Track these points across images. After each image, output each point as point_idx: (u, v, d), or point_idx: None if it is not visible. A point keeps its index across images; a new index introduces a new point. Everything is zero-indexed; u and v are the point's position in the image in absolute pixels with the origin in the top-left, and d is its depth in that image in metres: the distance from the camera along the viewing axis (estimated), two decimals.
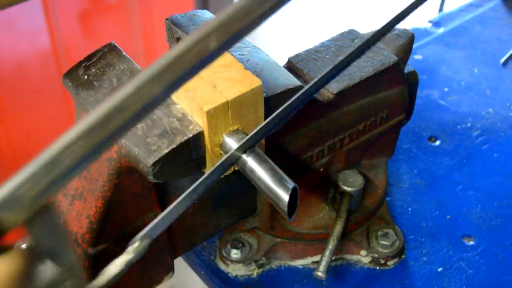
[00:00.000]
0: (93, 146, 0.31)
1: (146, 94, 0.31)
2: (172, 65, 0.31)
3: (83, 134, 0.30)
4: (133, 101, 0.31)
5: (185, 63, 0.32)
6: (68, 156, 0.30)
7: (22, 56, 1.55)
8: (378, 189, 0.74)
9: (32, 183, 0.30)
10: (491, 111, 0.93)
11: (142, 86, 0.31)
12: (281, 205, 0.47)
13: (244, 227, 0.72)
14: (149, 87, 0.31)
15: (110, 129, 0.31)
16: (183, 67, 0.32)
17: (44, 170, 0.30)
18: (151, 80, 0.31)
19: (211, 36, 0.32)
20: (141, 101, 0.31)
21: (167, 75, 0.31)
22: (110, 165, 0.51)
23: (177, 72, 0.32)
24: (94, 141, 0.31)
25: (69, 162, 0.30)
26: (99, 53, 0.57)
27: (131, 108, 0.31)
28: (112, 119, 0.31)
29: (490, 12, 1.15)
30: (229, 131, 0.50)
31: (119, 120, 0.31)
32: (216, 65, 0.52)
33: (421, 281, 0.70)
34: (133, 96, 0.31)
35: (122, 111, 0.31)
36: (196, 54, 0.32)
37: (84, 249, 0.54)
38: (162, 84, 0.31)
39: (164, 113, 0.51)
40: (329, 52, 0.67)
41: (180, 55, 0.32)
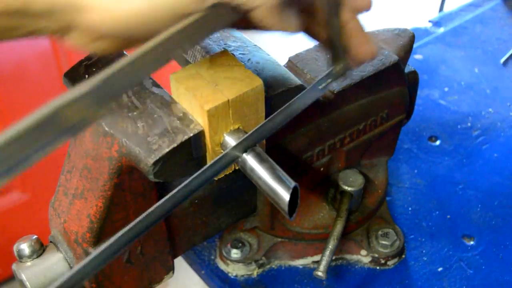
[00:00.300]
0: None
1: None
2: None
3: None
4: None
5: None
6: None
7: (22, 56, 1.55)
8: (378, 188, 0.74)
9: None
10: (491, 111, 0.93)
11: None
12: (282, 204, 0.47)
13: (245, 226, 0.72)
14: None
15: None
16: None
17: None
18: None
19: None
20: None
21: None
22: (111, 164, 0.51)
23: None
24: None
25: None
26: None
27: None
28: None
29: (490, 12, 1.15)
30: (230, 130, 0.50)
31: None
32: (217, 64, 0.52)
33: (421, 281, 0.70)
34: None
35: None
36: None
37: (85, 249, 0.54)
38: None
39: (164, 112, 0.51)
40: None
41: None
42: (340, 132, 0.67)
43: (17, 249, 0.55)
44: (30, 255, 0.55)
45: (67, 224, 0.55)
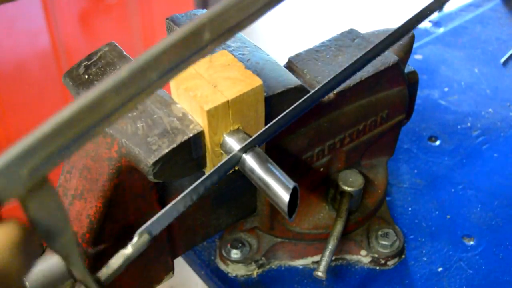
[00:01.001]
0: (89, 125, 0.31)
1: (141, 79, 0.31)
2: (167, 53, 0.32)
3: (79, 111, 0.30)
4: (128, 84, 0.31)
5: (178, 52, 0.32)
6: (63, 132, 0.30)
7: (22, 56, 1.55)
8: (378, 189, 0.74)
9: (26, 157, 0.29)
10: (491, 111, 0.93)
11: (137, 71, 0.31)
12: (281, 205, 0.47)
13: (244, 227, 0.72)
14: (144, 73, 0.31)
15: (105, 110, 0.31)
16: (177, 55, 0.32)
17: (39, 144, 0.29)
18: (147, 66, 0.31)
19: (205, 29, 0.32)
20: (135, 86, 0.31)
21: (162, 62, 0.32)
22: (110, 164, 0.51)
23: (172, 59, 0.32)
24: (90, 121, 0.31)
25: (64, 138, 0.30)
26: (100, 52, 0.57)
27: (126, 90, 0.31)
28: (106, 101, 0.31)
29: (490, 12, 1.15)
30: (230, 131, 0.50)
31: (113, 102, 0.31)
32: (217, 64, 0.52)
33: (421, 281, 0.70)
34: (127, 80, 0.31)
35: (117, 93, 0.31)
36: (190, 44, 0.32)
37: (84, 249, 0.54)
38: (157, 71, 0.32)
39: (164, 112, 0.51)
40: (329, 52, 0.67)
41: (174, 44, 0.32)
42: (340, 132, 0.67)
43: None
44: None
45: None
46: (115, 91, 0.31)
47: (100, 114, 0.31)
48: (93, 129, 0.31)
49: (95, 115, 0.31)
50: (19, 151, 0.29)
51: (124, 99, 0.32)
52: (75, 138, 0.31)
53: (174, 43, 0.32)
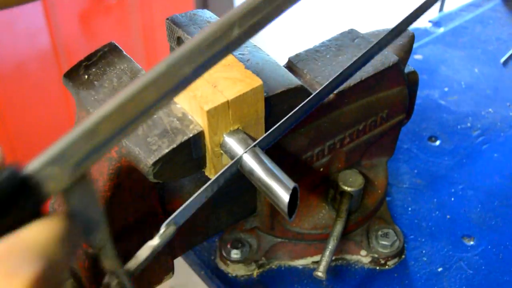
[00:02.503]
0: (129, 118, 0.33)
1: (177, 73, 0.34)
2: (199, 49, 0.34)
3: (119, 107, 0.32)
4: (166, 78, 0.33)
5: (210, 48, 0.34)
6: (105, 127, 0.32)
7: (22, 56, 1.55)
8: (378, 189, 0.74)
9: (72, 151, 0.31)
10: (491, 111, 0.93)
11: (172, 65, 0.33)
12: (281, 205, 0.47)
13: (244, 227, 0.72)
14: (179, 68, 0.33)
15: (144, 102, 0.33)
16: (209, 51, 0.34)
17: (83, 139, 0.31)
18: (181, 61, 0.34)
19: (235, 24, 0.34)
20: (173, 79, 0.34)
21: (196, 58, 0.34)
22: (110, 164, 0.51)
23: (205, 55, 0.34)
24: (130, 114, 0.33)
25: (106, 133, 0.32)
26: (100, 53, 0.57)
27: (163, 84, 0.33)
28: (145, 94, 0.33)
29: (490, 12, 1.15)
30: (230, 131, 0.50)
31: (152, 95, 0.33)
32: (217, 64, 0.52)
33: (421, 281, 0.70)
34: (165, 74, 0.33)
35: (155, 86, 0.33)
36: (220, 40, 0.35)
37: (84, 249, 0.54)
38: (191, 66, 0.34)
39: (164, 112, 0.51)
40: (329, 51, 0.67)
41: (206, 40, 0.34)
42: (340, 132, 0.67)
43: None
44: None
45: None
46: (153, 85, 0.33)
47: (139, 108, 0.33)
48: (132, 123, 0.33)
49: (135, 109, 0.33)
50: (65, 145, 0.31)
51: (161, 93, 0.33)
52: (116, 132, 0.32)
53: (207, 38, 0.34)
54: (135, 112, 0.33)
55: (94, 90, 0.54)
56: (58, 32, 1.59)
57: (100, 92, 0.54)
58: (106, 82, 0.55)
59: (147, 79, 0.33)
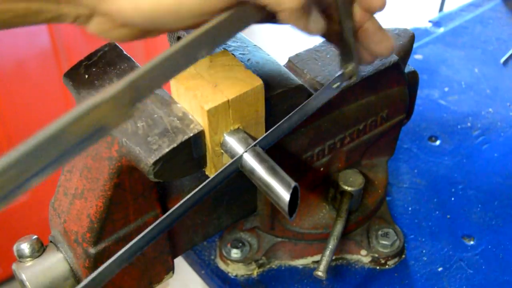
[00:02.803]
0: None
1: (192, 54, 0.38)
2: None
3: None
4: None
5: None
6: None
7: (22, 56, 1.55)
8: (378, 188, 0.74)
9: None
10: (491, 111, 0.93)
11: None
12: (282, 204, 0.47)
13: (245, 226, 0.72)
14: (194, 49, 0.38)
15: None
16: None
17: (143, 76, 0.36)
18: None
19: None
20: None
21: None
22: (111, 164, 0.51)
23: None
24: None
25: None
26: (100, 52, 0.57)
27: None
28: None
29: (490, 12, 1.15)
30: (230, 130, 0.50)
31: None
32: (217, 64, 0.52)
33: (421, 281, 0.70)
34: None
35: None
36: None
37: (85, 248, 0.54)
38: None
39: (164, 112, 0.51)
40: (329, 51, 0.67)
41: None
42: (340, 132, 0.67)
43: (17, 249, 0.55)
44: (30, 255, 0.55)
45: (67, 224, 0.55)
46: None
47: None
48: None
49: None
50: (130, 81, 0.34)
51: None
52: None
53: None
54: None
55: (95, 90, 0.54)
56: (58, 32, 1.59)
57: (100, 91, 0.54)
58: (107, 82, 0.55)
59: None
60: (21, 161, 0.30)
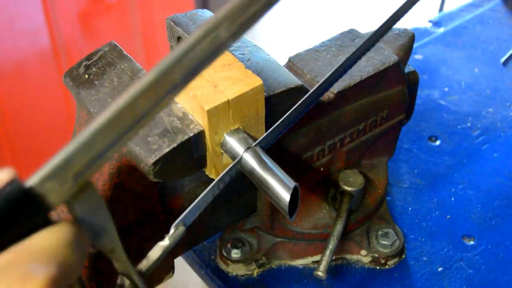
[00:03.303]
0: (125, 127, 0.33)
1: (167, 81, 0.33)
2: (188, 54, 0.33)
3: (115, 117, 0.32)
4: (156, 87, 0.33)
5: (199, 52, 0.33)
6: (102, 137, 0.32)
7: (22, 56, 1.55)
8: (378, 188, 0.74)
9: (71, 164, 0.32)
10: (491, 111, 0.93)
11: (162, 73, 0.33)
12: (282, 204, 0.47)
13: (245, 226, 0.72)
14: (171, 74, 0.33)
15: (139, 111, 0.33)
16: (197, 56, 0.33)
17: (81, 151, 0.32)
18: (173, 67, 0.33)
19: (222, 26, 0.33)
20: (163, 88, 0.33)
21: (184, 63, 0.33)
22: (111, 164, 0.51)
23: (193, 60, 0.33)
24: (126, 123, 0.33)
25: (103, 143, 0.32)
26: (100, 52, 0.57)
27: (154, 93, 0.33)
28: (139, 102, 0.33)
29: (490, 12, 1.15)
30: (230, 130, 0.50)
31: (146, 103, 0.33)
32: (217, 64, 0.52)
33: (421, 281, 0.70)
34: (155, 83, 0.33)
35: (148, 94, 0.33)
36: (208, 44, 0.34)
37: None
38: (180, 72, 0.33)
39: (165, 112, 0.51)
40: (329, 51, 0.67)
41: (194, 45, 0.33)
42: (340, 132, 0.67)
43: None
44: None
45: None
46: (146, 93, 0.33)
47: (134, 117, 0.33)
48: (128, 132, 0.33)
49: (130, 118, 0.33)
50: (65, 157, 0.32)
51: (155, 100, 0.33)
52: (112, 142, 0.33)
53: (193, 44, 0.33)
54: (130, 121, 0.33)
55: (95, 90, 0.54)
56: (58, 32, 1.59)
57: (100, 91, 0.54)
58: (107, 82, 0.55)
59: (140, 87, 0.33)
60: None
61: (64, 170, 0.32)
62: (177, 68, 0.33)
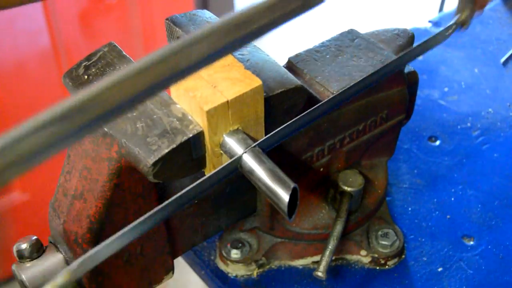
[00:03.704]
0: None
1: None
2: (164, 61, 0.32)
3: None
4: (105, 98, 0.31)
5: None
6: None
7: (22, 56, 1.55)
8: (378, 189, 0.74)
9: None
10: (491, 111, 0.93)
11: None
12: (281, 205, 0.47)
13: (244, 227, 0.72)
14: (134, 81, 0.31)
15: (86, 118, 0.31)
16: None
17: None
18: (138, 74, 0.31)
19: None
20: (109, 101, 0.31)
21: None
22: (110, 165, 0.51)
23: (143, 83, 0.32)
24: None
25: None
26: (99, 53, 0.57)
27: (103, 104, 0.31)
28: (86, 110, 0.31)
29: (490, 12, 1.15)
30: (229, 131, 0.50)
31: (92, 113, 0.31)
32: (216, 65, 0.52)
33: (421, 281, 0.70)
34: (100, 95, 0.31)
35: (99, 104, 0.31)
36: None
37: (85, 249, 0.54)
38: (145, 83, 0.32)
39: (164, 113, 0.51)
40: (329, 52, 0.67)
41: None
42: (340, 132, 0.67)
43: (17, 249, 0.55)
44: (30, 255, 0.55)
45: (67, 225, 0.55)
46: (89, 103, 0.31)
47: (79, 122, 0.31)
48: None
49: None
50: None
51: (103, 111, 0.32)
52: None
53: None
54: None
55: None
56: (58, 32, 1.59)
57: None
58: None
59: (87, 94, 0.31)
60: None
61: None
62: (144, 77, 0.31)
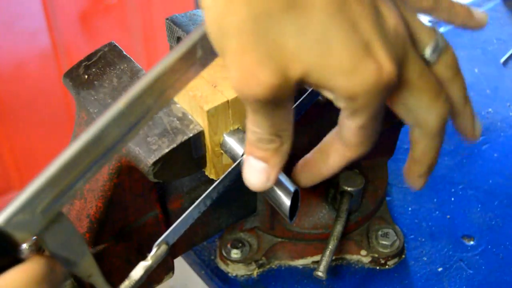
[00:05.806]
0: (91, 162, 0.33)
1: (138, 108, 0.34)
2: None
3: (80, 150, 0.32)
4: (127, 115, 0.34)
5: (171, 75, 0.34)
6: (70, 170, 0.32)
7: (22, 56, 1.55)
8: (378, 188, 0.74)
9: (38, 198, 0.32)
10: (491, 111, 0.93)
11: (134, 99, 0.34)
12: (283, 208, 0.47)
13: (244, 227, 0.72)
14: (141, 101, 0.34)
15: (106, 143, 0.33)
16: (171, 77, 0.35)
17: (48, 186, 0.32)
18: (143, 95, 0.34)
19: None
20: (134, 115, 0.34)
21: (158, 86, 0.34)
22: (110, 164, 0.51)
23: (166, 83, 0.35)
24: (91, 158, 0.33)
25: (71, 177, 0.32)
26: (100, 53, 0.57)
27: (126, 121, 0.34)
28: (106, 134, 0.33)
29: (490, 12, 1.15)
30: (230, 131, 0.50)
31: (114, 133, 0.34)
32: (216, 64, 0.52)
33: (421, 281, 0.70)
34: (126, 111, 0.34)
35: (117, 125, 0.34)
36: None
37: None
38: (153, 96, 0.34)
39: (164, 112, 0.51)
40: None
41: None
42: None
43: None
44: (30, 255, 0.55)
45: None
46: (115, 123, 0.33)
47: (102, 148, 0.33)
48: (98, 162, 0.33)
49: (97, 150, 0.33)
50: (31, 194, 0.32)
51: (125, 129, 0.34)
52: (81, 174, 0.33)
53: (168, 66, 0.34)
54: (98, 152, 0.33)
55: (94, 90, 0.54)
56: (58, 32, 1.59)
57: (100, 92, 0.54)
58: (106, 82, 0.55)
59: (106, 119, 0.33)
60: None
61: (32, 206, 0.32)
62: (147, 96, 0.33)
